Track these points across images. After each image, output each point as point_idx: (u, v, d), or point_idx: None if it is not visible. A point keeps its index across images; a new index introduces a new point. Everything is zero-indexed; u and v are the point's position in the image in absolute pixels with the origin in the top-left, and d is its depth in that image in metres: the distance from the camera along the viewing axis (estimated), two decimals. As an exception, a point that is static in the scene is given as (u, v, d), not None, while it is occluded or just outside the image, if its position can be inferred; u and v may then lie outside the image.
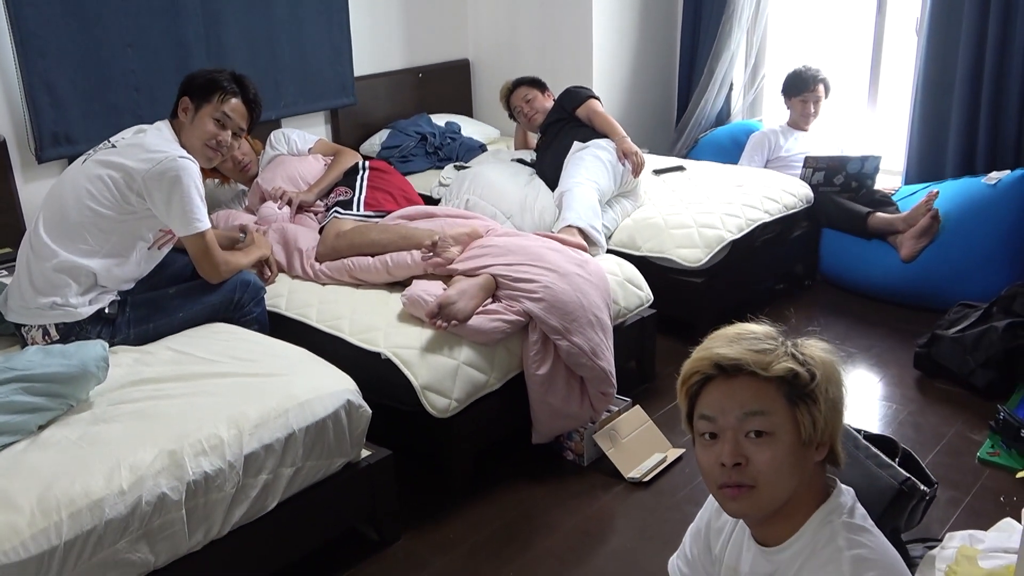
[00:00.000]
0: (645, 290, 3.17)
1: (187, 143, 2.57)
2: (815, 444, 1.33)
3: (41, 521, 1.73)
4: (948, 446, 2.82)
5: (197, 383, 2.20)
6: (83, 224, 2.43)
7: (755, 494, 1.31)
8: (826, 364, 1.34)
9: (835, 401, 1.33)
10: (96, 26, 3.40)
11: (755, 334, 1.36)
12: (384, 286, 2.93)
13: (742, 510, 1.35)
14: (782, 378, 1.30)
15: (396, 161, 4.30)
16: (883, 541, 1.35)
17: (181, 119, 2.58)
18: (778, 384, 1.30)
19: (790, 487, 1.32)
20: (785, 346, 1.34)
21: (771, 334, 1.37)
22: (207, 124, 2.57)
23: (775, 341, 1.35)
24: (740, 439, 1.31)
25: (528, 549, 2.43)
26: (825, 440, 1.34)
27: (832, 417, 1.33)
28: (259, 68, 3.96)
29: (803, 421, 1.30)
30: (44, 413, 2.02)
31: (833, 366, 1.35)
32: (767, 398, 1.30)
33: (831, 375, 1.33)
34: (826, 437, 1.33)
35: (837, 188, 4.14)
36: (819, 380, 1.31)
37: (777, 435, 1.30)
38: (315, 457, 2.17)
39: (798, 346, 1.35)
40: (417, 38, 4.82)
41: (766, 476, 1.30)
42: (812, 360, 1.33)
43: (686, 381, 1.38)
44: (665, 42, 5.10)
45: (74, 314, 2.41)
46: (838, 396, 1.34)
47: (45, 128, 3.33)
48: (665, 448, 2.82)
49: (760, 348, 1.32)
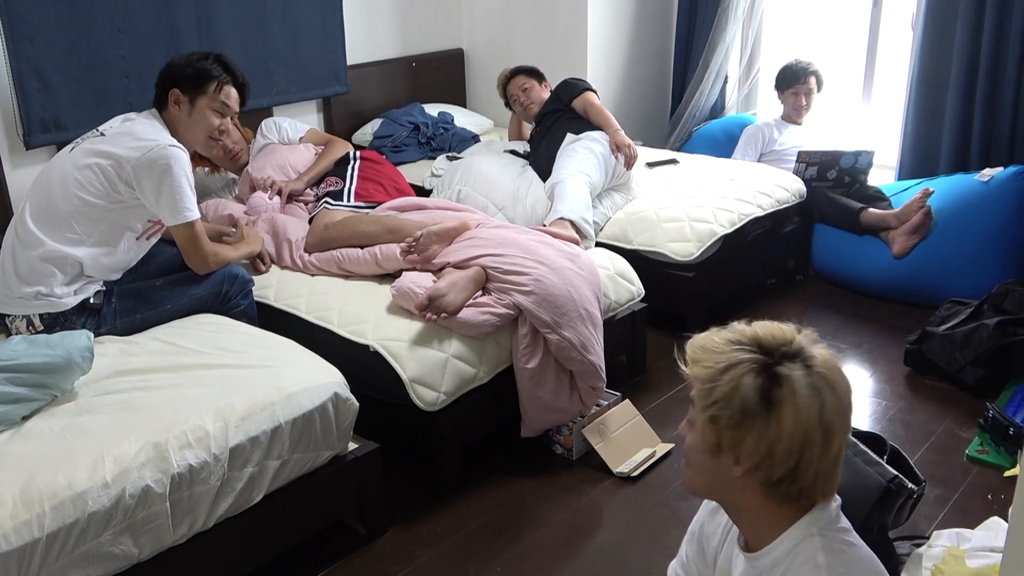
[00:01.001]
0: (636, 284, 3.16)
1: (187, 137, 2.56)
2: (729, 458, 1.30)
3: (23, 513, 1.72)
4: (937, 443, 2.82)
5: (183, 374, 2.19)
6: (71, 213, 2.41)
7: (686, 471, 1.41)
8: (746, 402, 1.26)
9: (762, 435, 1.26)
10: (86, 11, 3.37)
11: (721, 349, 1.30)
12: (374, 278, 2.91)
13: (684, 481, 1.43)
14: (698, 380, 1.32)
15: (388, 151, 4.27)
16: (865, 554, 1.34)
17: (174, 112, 2.54)
18: (699, 384, 1.33)
19: (704, 480, 1.36)
20: (740, 364, 1.27)
21: (736, 358, 1.28)
22: (209, 117, 2.57)
23: (725, 375, 1.28)
24: (689, 415, 1.38)
25: (516, 543, 2.42)
26: (744, 462, 1.29)
27: (751, 448, 1.27)
28: (251, 55, 3.93)
29: (705, 429, 1.31)
30: (28, 404, 2.01)
31: (782, 411, 1.25)
32: (695, 393, 1.34)
33: (752, 413, 1.26)
34: (744, 460, 1.28)
35: (830, 183, 4.14)
36: (723, 422, 1.28)
37: (695, 427, 1.35)
38: (302, 450, 2.16)
39: (748, 368, 1.27)
40: (411, 27, 4.79)
41: (687, 457, 1.39)
42: (736, 391, 1.27)
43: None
44: (660, 34, 5.08)
45: (59, 304, 2.39)
46: (767, 435, 1.26)
47: (34, 114, 3.29)
48: (654, 443, 2.82)
49: (708, 347, 1.32)
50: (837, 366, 1.31)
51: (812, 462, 1.27)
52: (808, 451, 1.26)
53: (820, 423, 1.26)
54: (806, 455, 1.26)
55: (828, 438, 1.27)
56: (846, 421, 1.29)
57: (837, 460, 1.30)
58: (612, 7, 4.71)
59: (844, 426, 1.29)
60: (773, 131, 4.42)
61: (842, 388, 1.29)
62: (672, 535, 2.43)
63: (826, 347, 1.33)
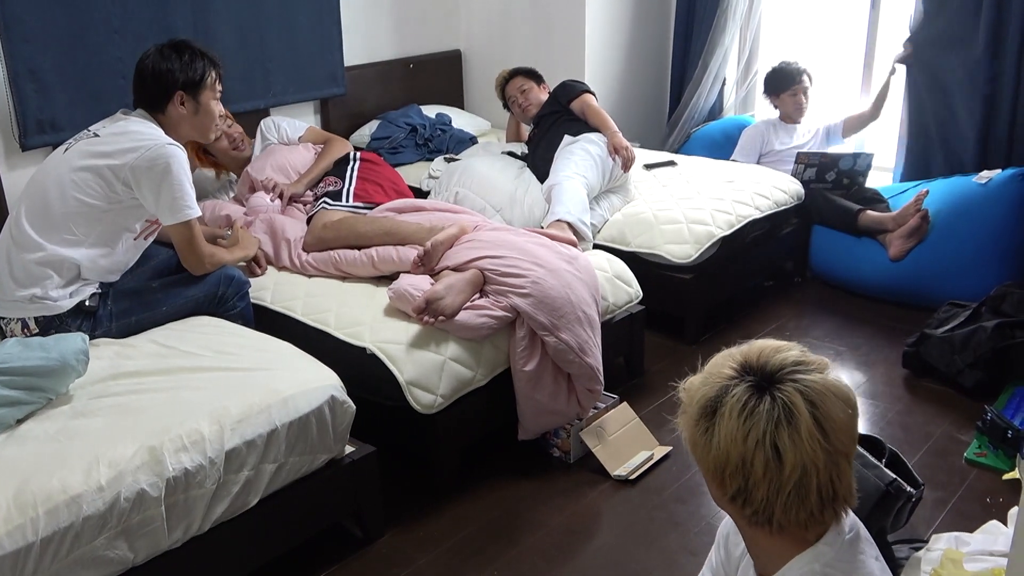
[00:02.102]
0: (634, 286, 3.15)
1: (193, 132, 2.59)
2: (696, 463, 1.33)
3: (17, 517, 1.71)
4: (935, 446, 2.82)
5: (179, 377, 2.18)
6: (68, 215, 2.39)
7: None
8: (725, 433, 1.24)
9: (704, 448, 1.27)
10: (82, 12, 3.36)
11: (718, 361, 1.31)
12: (371, 280, 2.91)
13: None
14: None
15: (386, 152, 4.26)
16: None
17: (178, 112, 2.52)
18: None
19: (716, 497, 1.34)
20: (700, 388, 1.29)
21: (716, 372, 1.29)
22: (213, 107, 2.60)
23: (703, 387, 1.28)
24: None
25: (513, 546, 2.41)
26: (702, 469, 1.31)
27: (702, 459, 1.29)
28: (248, 56, 3.92)
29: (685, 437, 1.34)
30: (22, 407, 1.99)
31: (742, 440, 1.23)
32: None
33: (700, 435, 1.28)
34: (700, 466, 1.30)
35: (829, 184, 4.13)
36: (687, 426, 1.31)
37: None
38: (298, 453, 2.15)
39: (718, 419, 1.25)
40: (408, 28, 4.78)
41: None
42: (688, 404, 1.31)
43: None
44: (658, 36, 5.08)
45: (54, 307, 2.38)
46: (703, 450, 1.27)
47: (30, 115, 3.28)
48: (652, 446, 2.81)
49: (700, 375, 1.32)
50: (816, 398, 1.22)
51: (759, 486, 1.23)
52: (751, 474, 1.23)
53: (763, 448, 1.21)
54: (750, 479, 1.23)
55: (780, 467, 1.21)
56: (805, 451, 1.20)
57: (802, 490, 1.22)
58: (610, 9, 4.70)
59: (802, 456, 1.20)
60: (772, 132, 4.41)
61: (804, 421, 1.20)
62: (670, 538, 2.43)
63: (829, 378, 1.26)
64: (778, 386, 1.24)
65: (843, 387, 1.26)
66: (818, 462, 1.21)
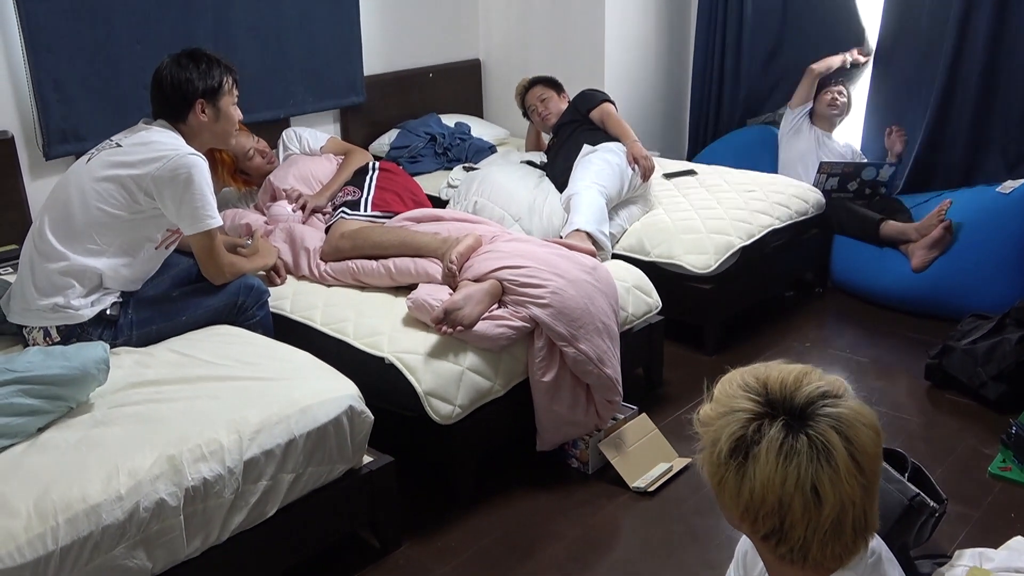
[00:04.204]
0: (654, 296, 3.14)
1: (215, 140, 2.62)
2: (722, 500, 1.26)
3: (38, 526, 1.72)
4: (958, 460, 2.78)
5: (198, 386, 2.18)
6: (91, 225, 2.41)
7: None
8: (732, 461, 1.21)
9: (736, 489, 1.21)
10: (105, 22, 3.39)
11: (732, 392, 1.25)
12: (389, 290, 2.91)
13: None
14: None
15: (405, 162, 4.28)
16: None
17: (199, 120, 2.54)
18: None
19: (728, 519, 1.30)
20: (717, 422, 1.23)
21: (737, 406, 1.22)
22: (233, 112, 2.61)
23: (719, 420, 1.23)
24: None
25: (530, 558, 2.40)
26: (730, 510, 1.25)
27: (729, 497, 1.23)
28: (268, 66, 3.94)
29: (705, 472, 1.28)
30: (44, 416, 2.00)
31: (768, 477, 1.18)
32: None
33: (727, 477, 1.22)
34: (729, 507, 1.24)
35: (851, 194, 4.11)
36: (710, 462, 1.25)
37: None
38: (316, 463, 2.15)
39: (752, 461, 1.20)
40: (428, 37, 4.80)
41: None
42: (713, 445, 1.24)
43: None
44: (678, 44, 5.06)
45: (76, 316, 2.39)
46: (733, 491, 1.22)
47: (53, 125, 3.32)
48: (671, 457, 2.79)
49: (713, 405, 1.26)
50: (849, 432, 1.18)
51: (796, 527, 1.19)
52: (788, 515, 1.18)
53: (800, 491, 1.17)
54: (787, 519, 1.19)
55: (819, 508, 1.17)
56: (849, 493, 1.17)
57: (839, 527, 1.19)
58: (629, 17, 4.70)
59: (840, 495, 1.17)
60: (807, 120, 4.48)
61: (842, 459, 1.17)
62: (689, 551, 2.41)
63: (853, 404, 1.21)
64: (810, 423, 1.18)
65: (868, 412, 1.22)
66: (855, 498, 1.18)
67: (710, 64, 4.87)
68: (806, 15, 4.61)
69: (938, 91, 4.05)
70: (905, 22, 4.23)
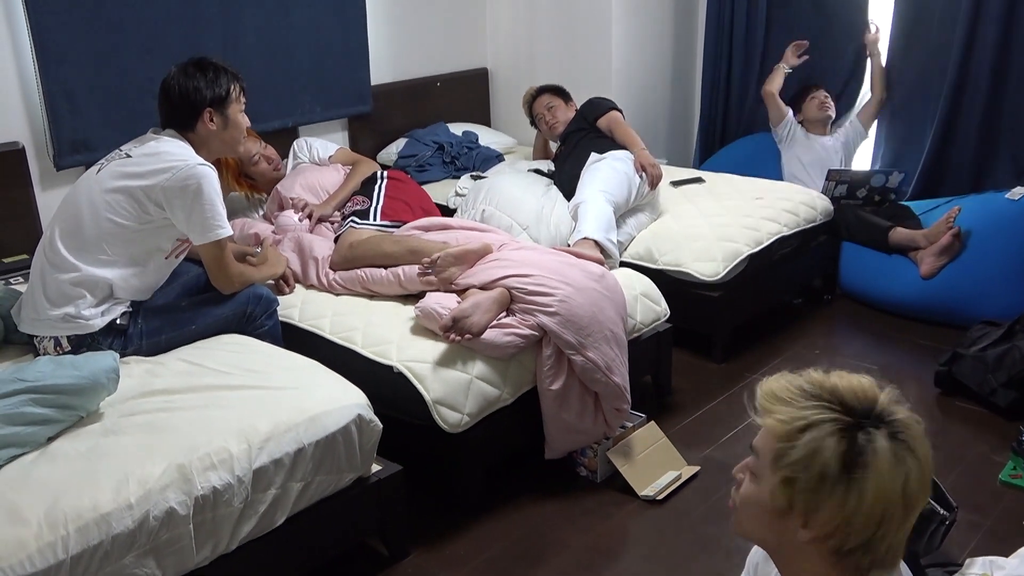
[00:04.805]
0: (662, 304, 3.14)
1: (224, 147, 2.62)
2: (795, 521, 1.20)
3: (48, 535, 1.73)
4: (969, 468, 2.77)
5: (208, 395, 2.19)
6: (101, 235, 2.42)
7: (734, 514, 1.31)
8: (826, 470, 1.16)
9: (839, 505, 1.16)
10: (115, 33, 3.42)
11: (800, 403, 1.20)
12: (398, 298, 2.91)
13: (733, 523, 1.34)
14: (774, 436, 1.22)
15: (413, 170, 4.29)
16: None
17: (208, 129, 2.54)
18: (773, 440, 1.22)
19: (758, 534, 1.28)
20: (802, 436, 1.18)
21: (818, 418, 1.18)
22: (241, 120, 2.62)
23: (804, 435, 1.18)
24: (749, 462, 1.28)
25: (539, 566, 2.40)
26: (813, 527, 1.19)
27: (826, 516, 1.17)
28: (276, 75, 3.96)
29: (775, 491, 1.21)
30: (54, 425, 2.01)
31: (864, 483, 1.15)
32: (766, 447, 1.23)
33: (830, 481, 1.16)
34: (814, 528, 1.19)
35: (860, 201, 4.10)
36: (800, 485, 1.18)
37: (760, 482, 1.24)
38: (325, 472, 2.15)
39: (830, 429, 1.17)
40: (435, 46, 4.81)
41: (739, 506, 1.29)
42: (816, 456, 1.17)
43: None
44: (686, 52, 5.07)
45: (86, 326, 2.41)
46: (846, 505, 1.16)
47: (64, 135, 3.34)
48: (680, 466, 2.79)
49: (787, 397, 1.21)
50: (921, 433, 1.20)
51: (888, 535, 1.18)
52: (886, 524, 1.17)
53: (903, 496, 1.16)
54: (883, 528, 1.17)
55: (908, 511, 1.18)
56: (927, 492, 1.20)
57: (909, 531, 1.20)
58: (636, 25, 4.71)
59: (925, 497, 1.19)
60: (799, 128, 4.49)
61: (925, 457, 1.17)
62: (698, 560, 2.40)
63: (909, 409, 1.22)
64: (897, 428, 1.18)
65: (913, 418, 1.22)
66: (928, 494, 1.20)
67: (719, 71, 4.87)
68: (814, 22, 4.61)
69: (947, 97, 4.05)
70: (915, 29, 4.23)
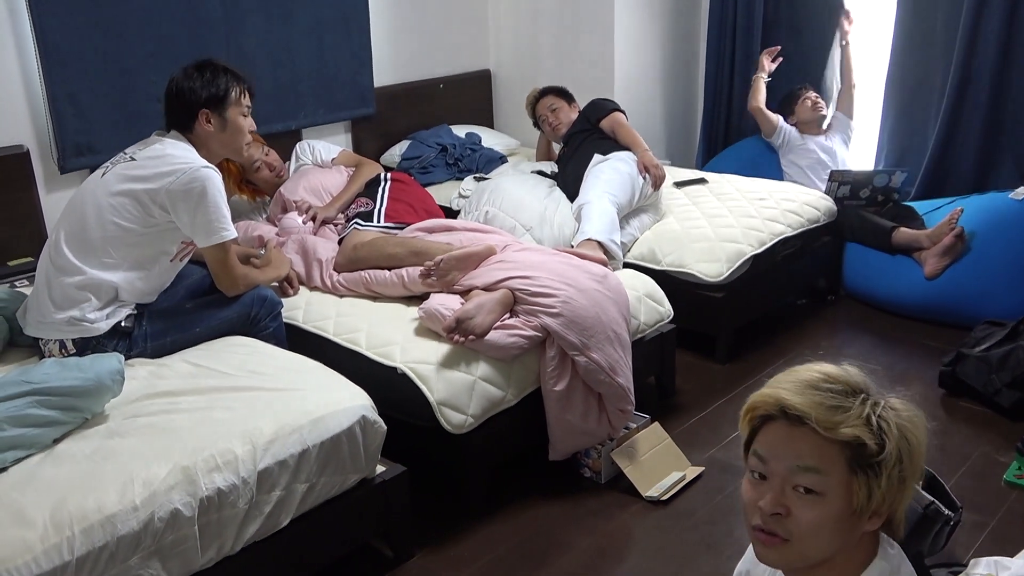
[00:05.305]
0: (665, 305, 3.14)
1: (223, 150, 2.61)
2: (868, 515, 1.22)
3: (53, 536, 1.73)
4: (973, 468, 2.77)
5: (212, 397, 2.20)
6: (106, 239, 2.43)
7: (787, 548, 1.23)
8: (904, 438, 1.20)
9: (905, 477, 1.21)
10: (119, 36, 3.42)
11: (835, 384, 1.23)
12: (401, 299, 2.92)
13: (770, 559, 1.27)
14: (847, 442, 1.19)
15: (416, 172, 4.29)
16: None
17: (205, 130, 2.55)
18: (841, 447, 1.19)
19: (827, 550, 1.23)
20: (864, 406, 1.21)
21: (855, 386, 1.24)
22: (241, 122, 2.59)
23: (854, 399, 1.22)
24: (787, 490, 1.22)
25: (543, 567, 2.40)
26: (882, 512, 1.22)
27: (895, 493, 1.21)
28: (279, 78, 3.97)
29: (858, 492, 1.19)
30: (59, 427, 2.02)
31: (912, 440, 1.21)
32: (826, 457, 1.20)
33: (906, 450, 1.21)
34: (883, 509, 1.22)
35: (863, 202, 4.10)
36: (887, 454, 1.19)
37: (827, 497, 1.20)
38: (329, 473, 2.16)
39: (880, 407, 1.21)
40: (438, 48, 4.82)
41: (803, 534, 1.21)
42: (888, 430, 1.19)
43: (748, 413, 1.29)
44: (688, 52, 5.07)
45: (91, 329, 2.41)
46: (910, 472, 1.21)
47: (68, 138, 3.35)
48: (684, 466, 2.79)
49: (832, 404, 1.20)
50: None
51: (906, 499, 1.25)
52: (914, 480, 1.24)
53: (919, 451, 1.24)
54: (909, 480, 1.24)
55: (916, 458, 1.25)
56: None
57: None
58: (639, 27, 4.71)
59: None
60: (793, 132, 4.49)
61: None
62: (702, 560, 2.40)
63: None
64: (879, 394, 1.27)
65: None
66: None
67: (722, 72, 4.87)
68: (815, 20, 4.61)
69: (950, 97, 4.05)
70: (918, 27, 4.22)
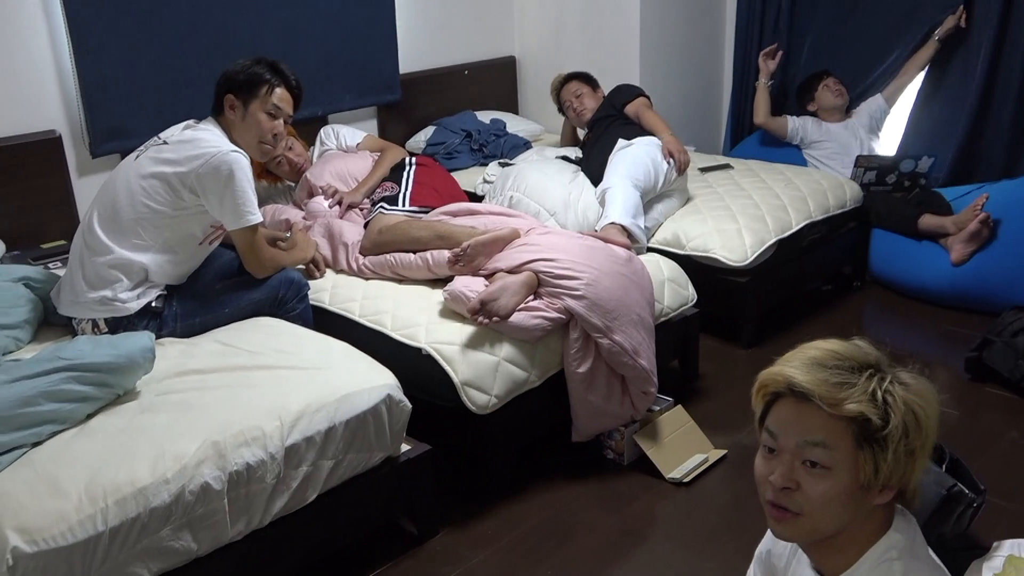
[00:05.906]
0: (689, 289, 3.14)
1: (241, 141, 2.59)
2: (877, 488, 1.24)
3: (88, 507, 1.78)
4: (998, 452, 2.76)
5: (241, 375, 2.23)
6: (137, 220, 2.47)
7: (799, 522, 1.27)
8: (911, 411, 1.23)
9: (913, 450, 1.23)
10: (148, 22, 3.47)
11: (842, 361, 1.26)
12: (426, 282, 2.94)
13: (784, 534, 1.31)
14: (852, 418, 1.22)
15: (441, 158, 4.32)
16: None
17: (229, 117, 2.59)
18: (847, 422, 1.22)
19: (838, 523, 1.26)
20: (871, 381, 1.24)
21: (864, 362, 1.27)
22: (261, 120, 2.59)
23: (860, 375, 1.25)
24: (796, 464, 1.26)
25: (566, 546, 2.42)
26: (892, 485, 1.25)
27: (903, 465, 1.23)
28: (306, 64, 3.99)
29: (865, 466, 1.22)
30: (93, 402, 2.06)
31: (919, 413, 1.24)
32: (833, 433, 1.23)
33: (912, 424, 1.23)
34: (893, 482, 1.24)
35: (889, 187, 4.07)
36: (892, 428, 1.21)
37: (834, 471, 1.24)
38: (355, 450, 2.19)
39: (886, 382, 1.24)
40: (463, 35, 4.83)
41: (813, 508, 1.25)
42: (894, 405, 1.22)
43: (760, 390, 1.33)
44: (713, 38, 5.05)
45: (123, 309, 2.46)
46: (918, 445, 1.23)
47: (99, 123, 3.40)
48: (707, 449, 2.80)
49: (838, 381, 1.24)
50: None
51: (917, 471, 1.27)
52: (924, 452, 1.26)
53: (928, 424, 1.26)
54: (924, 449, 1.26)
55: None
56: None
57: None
58: (663, 13, 4.69)
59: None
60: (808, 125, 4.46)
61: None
62: (723, 542, 2.42)
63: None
64: (889, 367, 1.31)
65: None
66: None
67: (749, 56, 4.84)
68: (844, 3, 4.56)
69: (979, 82, 4.01)
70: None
